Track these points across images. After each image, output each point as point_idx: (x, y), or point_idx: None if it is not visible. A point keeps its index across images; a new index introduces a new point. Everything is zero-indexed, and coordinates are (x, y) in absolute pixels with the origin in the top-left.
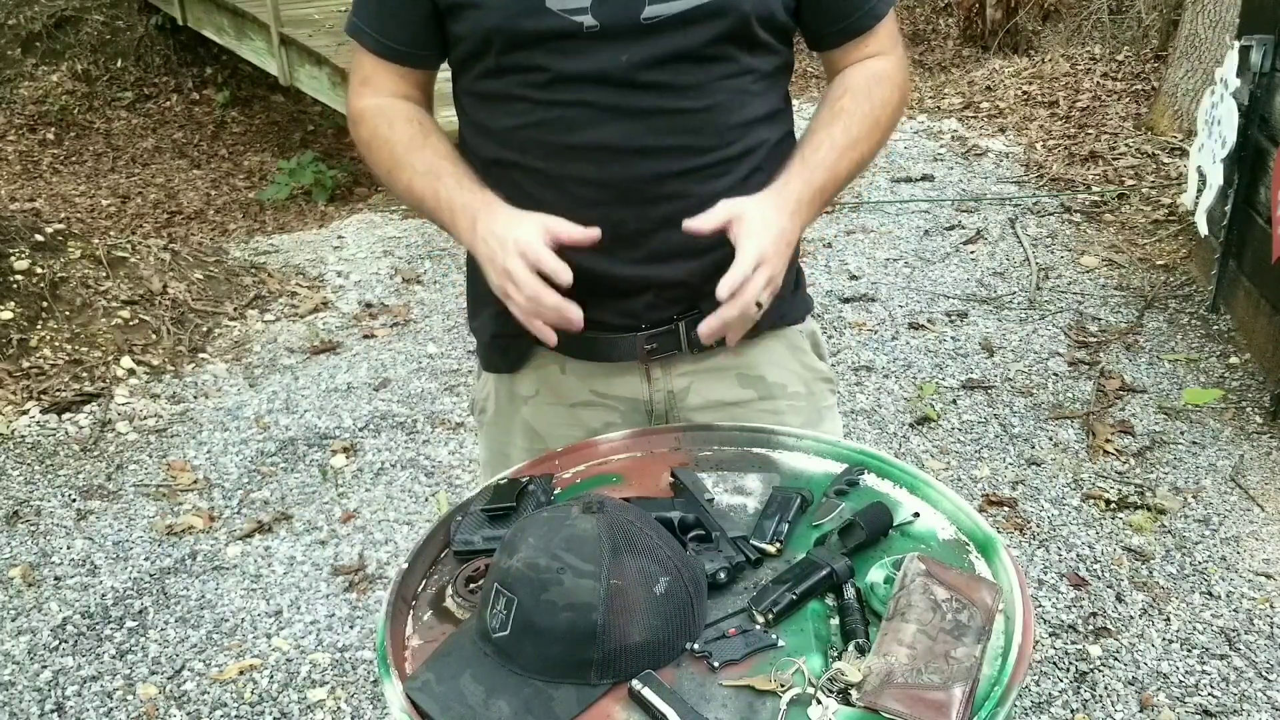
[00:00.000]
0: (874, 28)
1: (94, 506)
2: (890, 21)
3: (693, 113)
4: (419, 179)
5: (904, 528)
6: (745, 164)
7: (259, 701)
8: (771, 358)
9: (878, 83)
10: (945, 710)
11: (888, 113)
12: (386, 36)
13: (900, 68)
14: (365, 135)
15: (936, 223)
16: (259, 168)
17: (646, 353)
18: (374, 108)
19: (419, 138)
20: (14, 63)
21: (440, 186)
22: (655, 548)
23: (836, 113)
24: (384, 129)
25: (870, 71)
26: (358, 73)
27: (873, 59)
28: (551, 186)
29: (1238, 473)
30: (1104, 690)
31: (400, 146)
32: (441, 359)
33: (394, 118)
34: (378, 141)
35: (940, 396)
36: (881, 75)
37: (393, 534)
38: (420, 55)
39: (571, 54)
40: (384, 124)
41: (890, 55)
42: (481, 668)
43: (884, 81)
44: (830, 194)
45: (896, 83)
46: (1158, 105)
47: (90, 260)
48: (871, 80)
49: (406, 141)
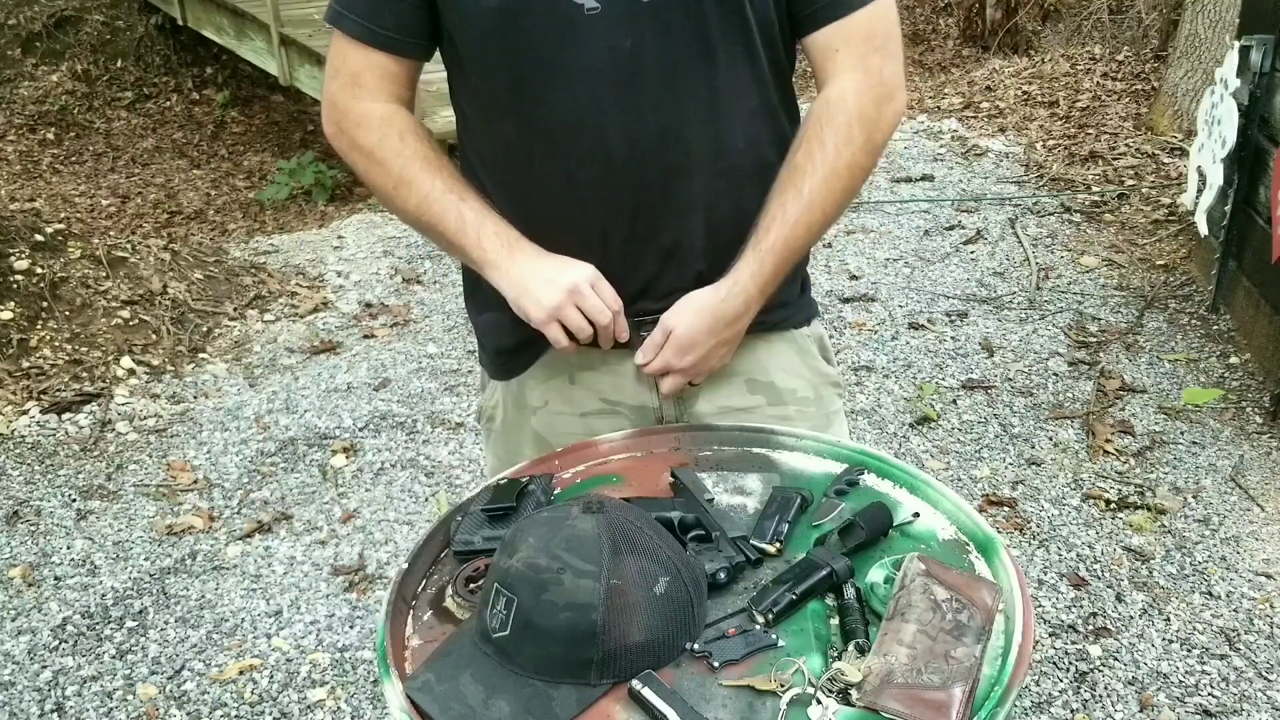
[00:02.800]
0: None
1: (94, 506)
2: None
3: (698, 106)
4: (437, 197)
5: (904, 528)
6: (751, 161)
7: (259, 701)
8: (780, 363)
9: (829, 123)
10: (945, 710)
11: (847, 156)
12: (372, 22)
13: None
14: (368, 143)
15: (936, 223)
16: (259, 168)
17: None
18: (380, 115)
19: (433, 157)
20: (14, 63)
21: (466, 209)
22: (655, 548)
23: (791, 172)
24: (394, 140)
25: (827, 104)
26: (343, 68)
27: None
28: (554, 183)
29: (1238, 473)
30: (1104, 690)
31: (415, 163)
32: (441, 359)
33: (404, 130)
34: (385, 152)
35: (940, 396)
36: (837, 109)
37: (393, 534)
38: (408, 44)
39: (573, 41)
40: (394, 135)
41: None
42: (481, 668)
43: (839, 117)
44: (787, 269)
45: (859, 115)
46: (1158, 105)
47: (90, 260)
48: (825, 120)
49: (422, 159)
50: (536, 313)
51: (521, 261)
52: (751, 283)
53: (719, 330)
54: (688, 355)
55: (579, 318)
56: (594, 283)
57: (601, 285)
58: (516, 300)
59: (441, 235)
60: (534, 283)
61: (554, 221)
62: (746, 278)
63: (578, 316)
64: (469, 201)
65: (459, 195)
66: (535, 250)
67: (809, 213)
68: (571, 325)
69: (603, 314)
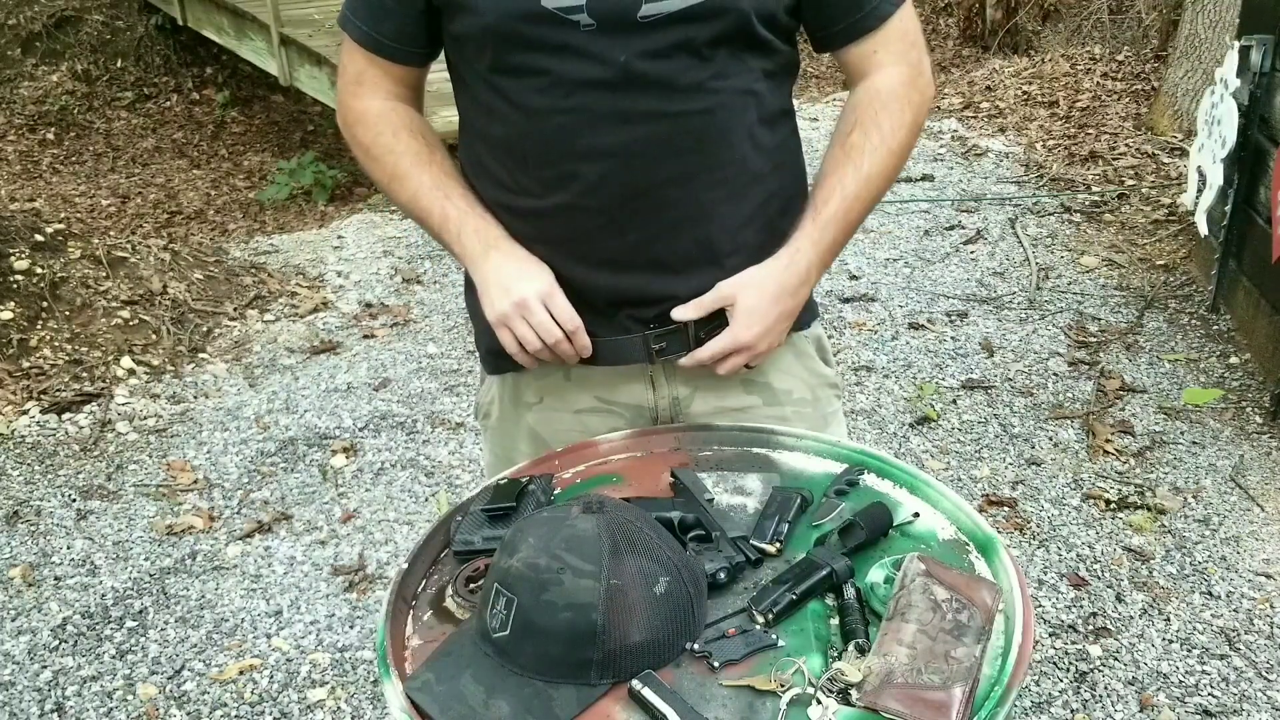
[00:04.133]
0: (877, 29)
1: (94, 506)
2: (901, 21)
3: (693, 115)
4: (425, 192)
5: (904, 528)
6: (748, 169)
7: (259, 701)
8: (778, 364)
9: (884, 107)
10: (945, 710)
11: (900, 137)
12: (374, 30)
13: (913, 79)
14: (365, 140)
15: (936, 223)
16: (259, 168)
17: (655, 353)
18: (376, 112)
19: (425, 152)
20: (14, 63)
21: (450, 206)
22: (655, 548)
23: (847, 150)
24: (387, 137)
25: (878, 92)
26: (349, 68)
27: (883, 71)
28: (553, 192)
29: (1238, 473)
30: (1104, 690)
31: (406, 158)
32: (441, 359)
33: (398, 126)
34: (379, 149)
35: (940, 396)
36: (889, 96)
37: (393, 534)
38: (406, 52)
39: (569, 55)
40: (388, 132)
41: (900, 65)
42: (481, 668)
43: (891, 103)
44: (844, 242)
45: (908, 100)
46: (1158, 105)
47: (90, 260)
48: (879, 105)
49: (413, 155)
50: (489, 314)
51: (494, 260)
52: (813, 250)
53: (782, 299)
54: (753, 327)
55: (526, 329)
56: (547, 297)
57: (555, 300)
58: (480, 299)
59: (429, 229)
60: (493, 285)
61: (547, 227)
62: (808, 245)
63: (524, 328)
64: (454, 199)
65: (445, 192)
66: (510, 252)
67: (866, 188)
68: (518, 335)
69: (549, 333)
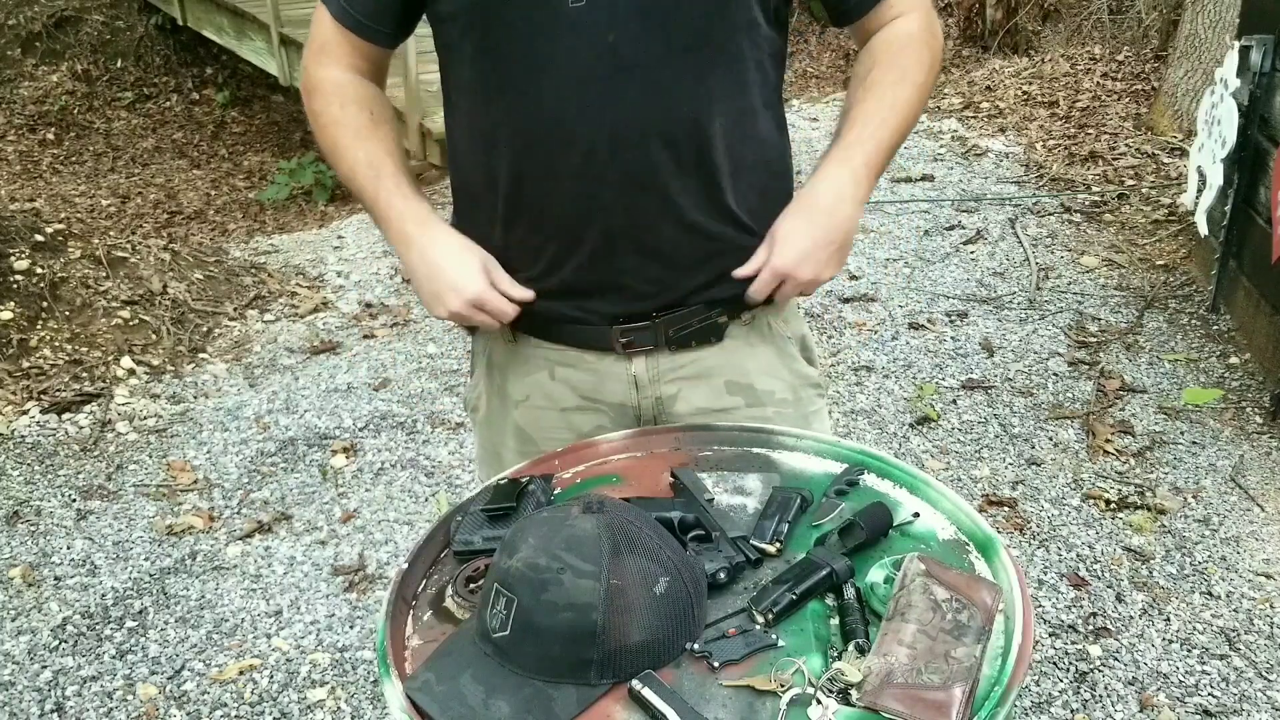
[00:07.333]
0: None
1: (94, 506)
2: None
3: (683, 101)
4: (360, 169)
5: (904, 528)
6: (734, 158)
7: (259, 701)
8: (761, 365)
9: (903, 47)
10: (945, 710)
11: (921, 71)
12: (348, 3)
13: (927, 24)
14: (316, 108)
15: (936, 223)
16: (259, 168)
17: (622, 345)
18: (330, 82)
19: (368, 127)
20: (14, 63)
21: (380, 187)
22: (655, 548)
23: (868, 86)
24: (335, 108)
25: (894, 36)
26: (316, 36)
27: (899, 20)
28: (535, 175)
29: (1238, 473)
30: (1104, 690)
31: (347, 132)
32: (441, 359)
33: (346, 98)
34: (326, 119)
35: (940, 396)
36: (906, 38)
37: (393, 534)
38: (375, 30)
39: (555, 35)
40: (336, 103)
41: (916, 12)
42: (481, 668)
43: (910, 43)
44: (878, 164)
45: (924, 41)
46: (1158, 105)
47: (90, 260)
48: (896, 46)
49: (355, 128)
50: (438, 312)
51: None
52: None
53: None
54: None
55: (484, 318)
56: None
57: (500, 281)
58: (415, 287)
59: (368, 208)
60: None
61: (533, 214)
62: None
63: (483, 317)
64: (384, 178)
65: (377, 170)
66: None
67: (893, 113)
68: (477, 323)
69: (505, 314)
